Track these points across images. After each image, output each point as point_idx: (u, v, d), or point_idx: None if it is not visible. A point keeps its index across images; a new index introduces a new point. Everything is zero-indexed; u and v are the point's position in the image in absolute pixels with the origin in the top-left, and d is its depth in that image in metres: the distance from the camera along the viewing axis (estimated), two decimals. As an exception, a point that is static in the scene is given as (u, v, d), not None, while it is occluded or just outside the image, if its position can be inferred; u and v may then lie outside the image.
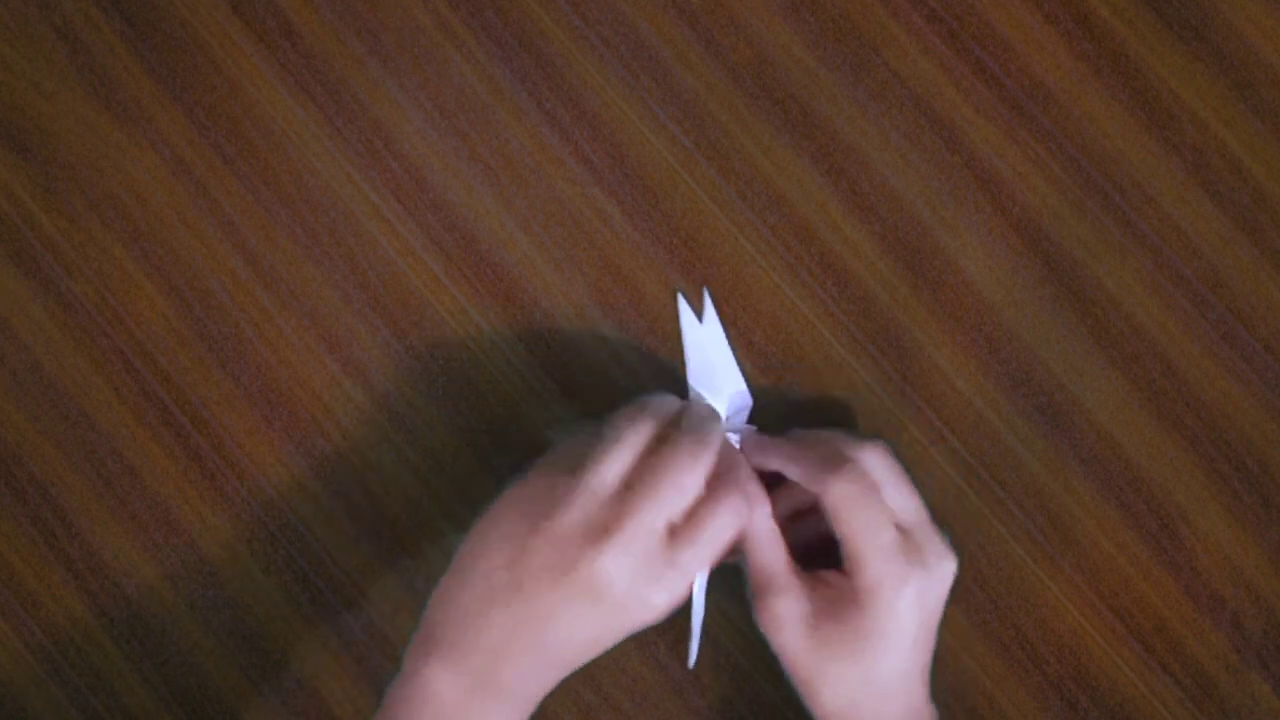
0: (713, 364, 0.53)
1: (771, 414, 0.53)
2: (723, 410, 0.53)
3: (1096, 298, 0.53)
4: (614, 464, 0.45)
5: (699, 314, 0.53)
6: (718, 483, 0.46)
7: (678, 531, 0.45)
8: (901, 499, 0.47)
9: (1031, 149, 0.54)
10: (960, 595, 0.52)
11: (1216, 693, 0.52)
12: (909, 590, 0.45)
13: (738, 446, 0.51)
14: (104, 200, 0.54)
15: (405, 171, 0.54)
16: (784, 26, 0.55)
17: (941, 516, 0.53)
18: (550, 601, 0.44)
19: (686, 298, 0.53)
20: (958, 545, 0.53)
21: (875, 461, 0.47)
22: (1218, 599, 0.52)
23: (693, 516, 0.45)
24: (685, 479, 0.45)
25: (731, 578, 0.52)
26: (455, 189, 0.54)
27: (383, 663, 0.53)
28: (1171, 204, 0.53)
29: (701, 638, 0.52)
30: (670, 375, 0.53)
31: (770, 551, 0.48)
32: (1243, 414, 0.53)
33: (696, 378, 0.53)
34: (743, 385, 0.53)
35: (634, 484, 0.45)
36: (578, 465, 0.45)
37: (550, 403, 0.54)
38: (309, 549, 0.53)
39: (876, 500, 0.46)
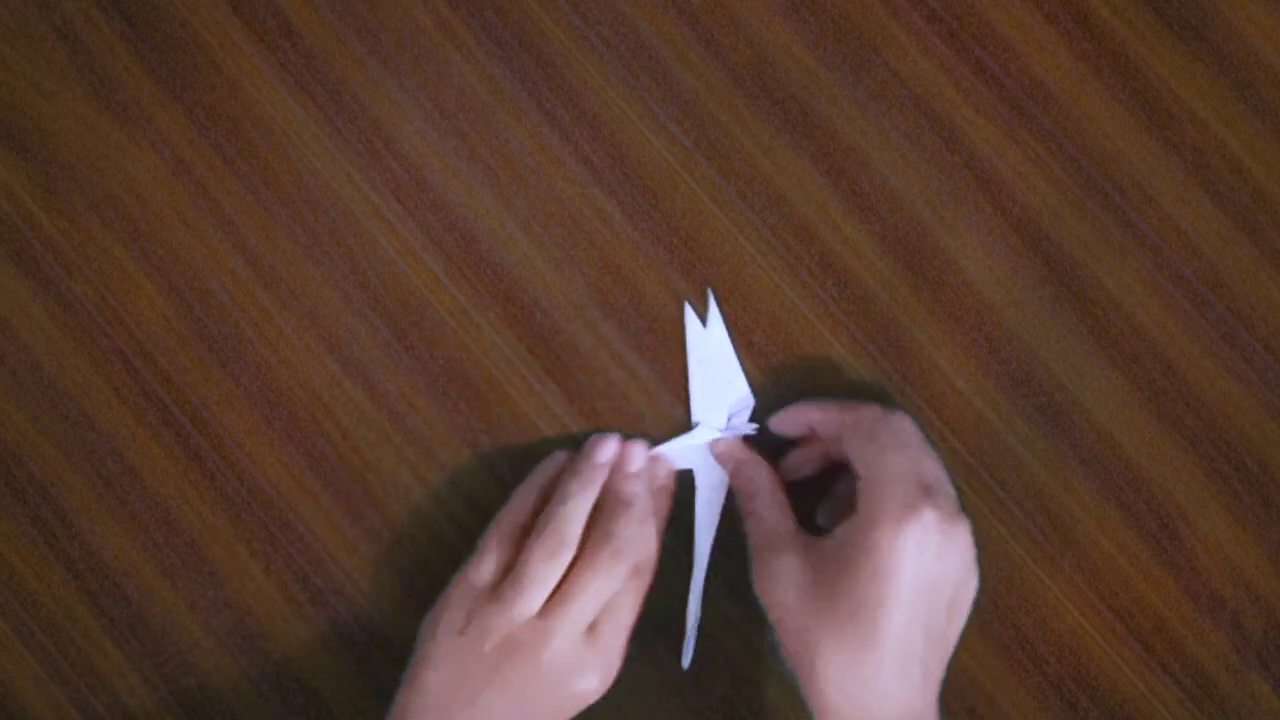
0: (715, 363, 0.53)
1: (772, 414, 0.53)
2: (724, 411, 0.53)
3: (1096, 298, 0.53)
4: (533, 596, 0.48)
5: (704, 316, 0.53)
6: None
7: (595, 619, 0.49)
8: (928, 461, 0.47)
9: (1031, 149, 0.54)
10: (960, 595, 0.52)
11: (1216, 693, 0.52)
12: (907, 533, 0.44)
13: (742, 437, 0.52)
14: (104, 200, 0.54)
15: (405, 171, 0.54)
16: (784, 26, 0.55)
17: (941, 516, 0.53)
18: (499, 705, 0.47)
19: (693, 305, 0.53)
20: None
21: (905, 424, 0.48)
22: (1218, 599, 0.52)
23: (608, 604, 0.49)
24: (601, 596, 0.48)
25: (731, 577, 0.52)
26: (455, 189, 0.54)
27: (383, 663, 0.53)
28: (1171, 204, 0.53)
29: (697, 638, 0.52)
30: (669, 375, 0.53)
31: (774, 510, 0.49)
32: (1243, 414, 0.53)
33: (697, 377, 0.53)
34: (744, 384, 0.53)
35: (553, 608, 0.48)
36: (500, 591, 0.48)
37: (550, 403, 0.54)
38: (309, 549, 0.53)
39: (899, 447, 0.47)
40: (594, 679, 0.48)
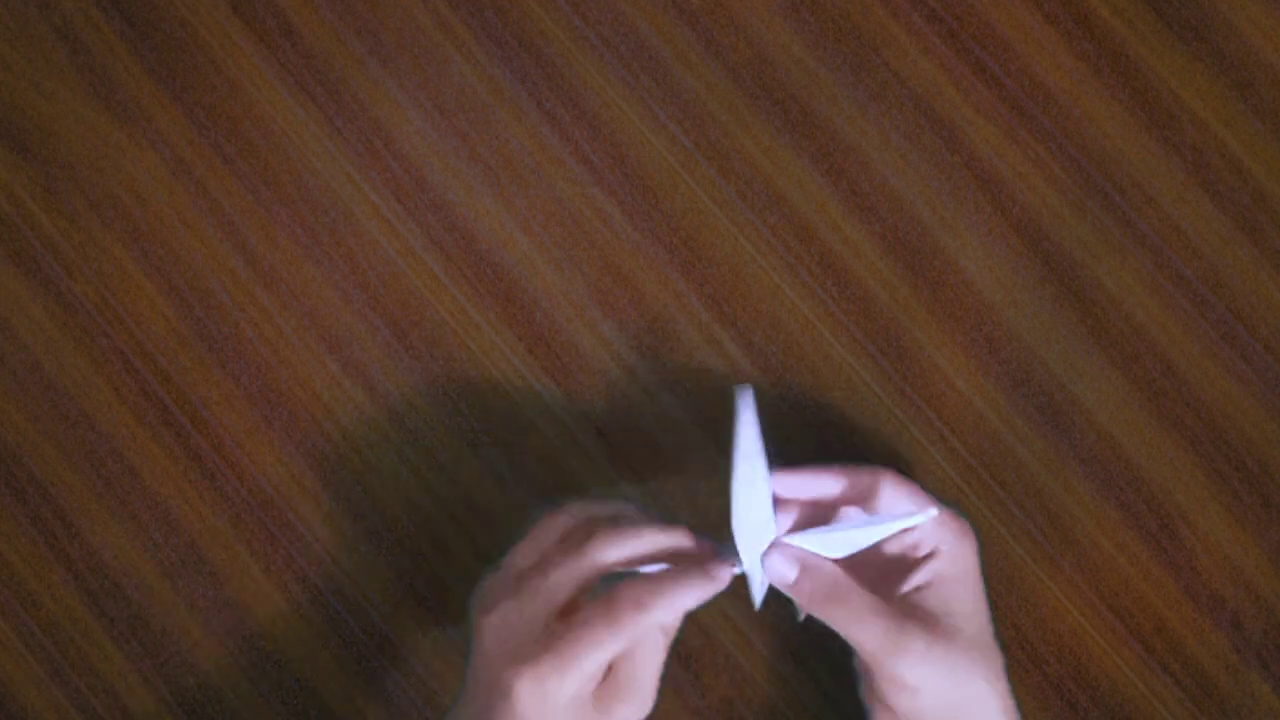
0: (754, 502, 0.46)
1: (771, 414, 0.53)
2: (757, 565, 0.47)
3: (1096, 298, 0.53)
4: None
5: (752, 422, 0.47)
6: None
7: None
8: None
9: (1031, 149, 0.54)
10: (960, 595, 0.52)
11: (1216, 693, 0.52)
12: (975, 549, 0.48)
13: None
14: (104, 200, 0.54)
15: (405, 171, 0.54)
16: (784, 26, 0.55)
17: (941, 516, 0.53)
18: None
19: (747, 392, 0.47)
20: (958, 545, 0.53)
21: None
22: (1218, 599, 0.52)
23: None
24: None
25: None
26: (455, 189, 0.54)
27: (383, 662, 0.53)
28: (1171, 204, 0.53)
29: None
30: (669, 375, 0.53)
31: (874, 621, 0.45)
32: (1243, 414, 0.53)
33: (739, 516, 0.46)
34: (775, 533, 0.46)
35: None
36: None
37: (550, 402, 0.54)
38: (309, 549, 0.53)
39: (908, 480, 0.48)
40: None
